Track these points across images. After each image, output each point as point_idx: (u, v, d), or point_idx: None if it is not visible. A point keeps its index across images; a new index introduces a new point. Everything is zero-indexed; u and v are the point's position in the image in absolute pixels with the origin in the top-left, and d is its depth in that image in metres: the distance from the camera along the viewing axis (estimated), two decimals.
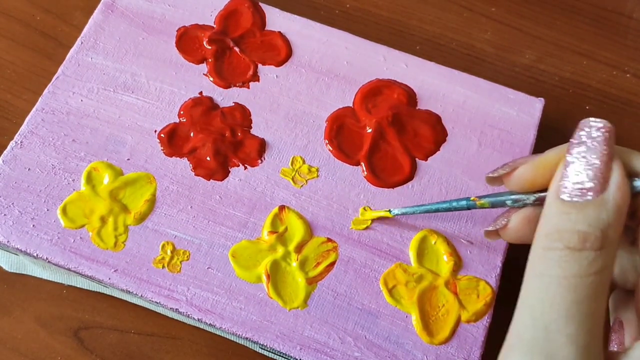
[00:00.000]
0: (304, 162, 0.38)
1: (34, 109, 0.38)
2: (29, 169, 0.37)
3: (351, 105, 0.40)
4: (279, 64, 0.41)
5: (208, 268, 0.35)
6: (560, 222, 0.24)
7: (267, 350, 0.35)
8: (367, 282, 0.36)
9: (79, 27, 0.45)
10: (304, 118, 0.40)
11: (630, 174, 0.25)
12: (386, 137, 0.39)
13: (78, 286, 0.38)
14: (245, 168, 0.38)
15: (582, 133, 0.25)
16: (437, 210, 0.35)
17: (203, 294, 0.35)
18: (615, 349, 0.28)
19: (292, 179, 0.38)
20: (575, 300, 0.23)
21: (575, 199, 0.24)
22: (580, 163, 0.25)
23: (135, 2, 0.42)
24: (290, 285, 0.35)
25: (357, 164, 0.39)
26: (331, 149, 0.39)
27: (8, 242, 0.35)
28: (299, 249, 0.36)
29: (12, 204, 0.36)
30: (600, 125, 0.25)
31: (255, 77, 0.41)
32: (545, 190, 0.28)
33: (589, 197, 0.24)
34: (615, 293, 0.32)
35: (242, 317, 0.34)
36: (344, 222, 0.37)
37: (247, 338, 0.34)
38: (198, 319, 0.34)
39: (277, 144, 0.39)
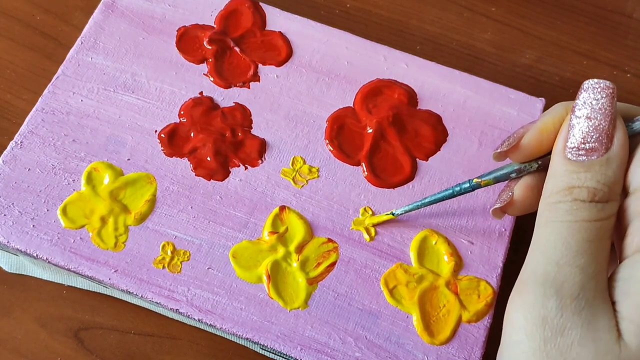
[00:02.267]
0: (304, 162, 0.38)
1: (34, 109, 0.38)
2: (29, 169, 0.37)
3: (352, 105, 0.40)
4: (280, 64, 0.41)
5: (208, 268, 0.35)
6: (570, 180, 0.26)
7: (267, 351, 0.35)
8: (368, 282, 0.36)
9: (79, 27, 0.45)
10: (305, 118, 0.40)
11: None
12: (387, 137, 0.39)
13: (78, 287, 0.38)
14: (246, 168, 0.38)
15: (585, 95, 0.26)
16: (441, 199, 0.35)
17: (203, 295, 0.35)
18: None
19: (293, 179, 0.38)
20: (586, 239, 0.25)
21: (581, 158, 0.26)
22: (585, 124, 0.26)
23: (136, 2, 0.42)
24: (291, 286, 0.35)
25: (358, 164, 0.39)
26: (332, 149, 0.39)
27: (8, 242, 0.35)
28: (299, 249, 0.36)
29: (12, 204, 0.36)
30: (603, 85, 0.26)
31: (256, 77, 0.41)
32: (545, 155, 0.29)
33: (595, 156, 0.25)
34: None
35: (243, 317, 0.34)
36: (345, 222, 0.37)
37: (247, 338, 0.34)
38: (198, 320, 0.34)
39: (277, 144, 0.39)
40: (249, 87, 0.40)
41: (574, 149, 0.26)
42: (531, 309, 0.25)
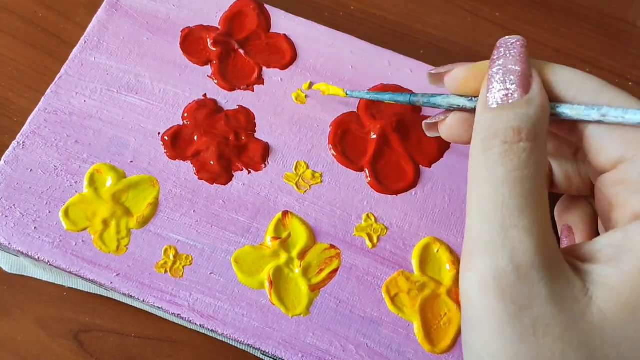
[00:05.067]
0: (307, 167, 0.38)
1: (36, 109, 0.38)
2: (30, 170, 0.36)
3: (355, 110, 0.40)
4: (284, 67, 0.41)
5: (210, 273, 0.35)
6: (494, 124, 0.26)
7: (268, 357, 0.35)
8: (370, 289, 0.36)
9: (81, 24, 0.45)
10: (308, 122, 0.39)
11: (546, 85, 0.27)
12: (390, 143, 0.39)
13: (79, 288, 0.38)
14: (249, 172, 0.38)
15: (500, 49, 0.27)
16: (385, 100, 0.35)
17: (205, 300, 0.35)
18: None
19: (296, 184, 0.38)
20: (523, 194, 0.24)
21: (502, 103, 0.26)
22: (502, 73, 0.26)
23: (140, 2, 0.41)
24: (293, 292, 0.35)
25: (361, 169, 0.39)
26: (335, 154, 0.39)
27: (9, 244, 0.35)
28: (302, 255, 0.36)
29: (14, 205, 0.35)
30: (515, 39, 0.27)
31: (260, 80, 0.40)
32: (474, 96, 0.30)
33: (516, 98, 0.26)
34: (559, 202, 0.35)
35: (245, 323, 0.34)
36: (347, 228, 0.37)
37: (249, 345, 0.34)
38: (200, 325, 0.34)
39: (281, 149, 0.39)
40: (252, 90, 0.40)
41: (495, 98, 0.26)
42: (486, 282, 0.24)
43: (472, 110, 0.30)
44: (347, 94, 0.38)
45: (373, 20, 0.48)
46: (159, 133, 0.38)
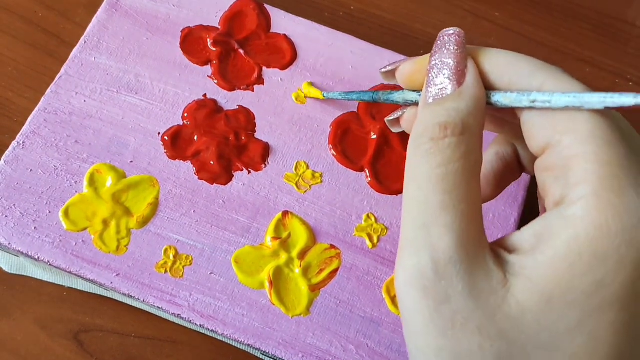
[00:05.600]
0: (307, 167, 0.38)
1: (36, 109, 0.38)
2: (30, 170, 0.36)
3: (356, 110, 0.40)
4: (284, 67, 0.41)
5: (211, 273, 0.35)
6: (425, 120, 0.25)
7: (268, 357, 0.35)
8: (370, 289, 0.36)
9: (81, 24, 0.45)
10: (308, 122, 0.39)
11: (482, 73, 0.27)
12: (390, 143, 0.39)
13: (79, 288, 0.38)
14: (249, 172, 0.38)
15: (438, 42, 0.27)
16: (353, 99, 0.36)
17: (205, 300, 0.35)
18: None
19: (296, 184, 0.38)
20: (446, 190, 0.24)
21: (437, 98, 0.26)
22: (439, 66, 0.26)
23: (140, 2, 0.41)
24: (293, 292, 0.35)
25: (361, 170, 0.39)
26: (335, 154, 0.39)
27: (9, 244, 0.35)
28: (302, 255, 0.36)
29: (14, 205, 0.35)
30: (452, 31, 0.27)
31: (260, 80, 0.40)
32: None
33: (448, 92, 0.26)
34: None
35: (245, 323, 0.34)
36: (348, 228, 0.37)
37: (249, 345, 0.34)
38: (200, 325, 0.34)
39: (281, 149, 0.39)
40: (252, 90, 0.40)
41: (432, 93, 0.26)
42: (411, 280, 0.24)
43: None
44: (324, 96, 0.39)
45: (373, 20, 0.48)
46: (159, 133, 0.38)
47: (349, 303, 0.35)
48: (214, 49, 0.41)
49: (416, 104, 0.30)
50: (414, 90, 0.30)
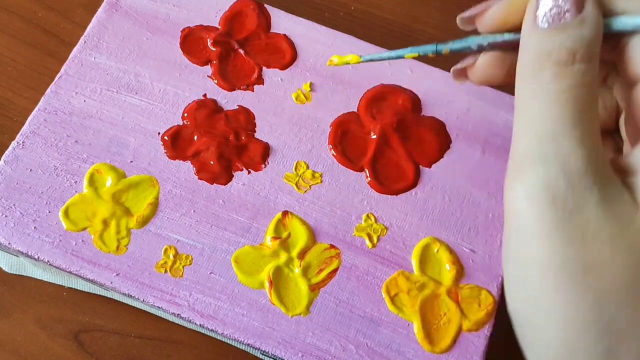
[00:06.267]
0: (307, 167, 0.38)
1: (36, 109, 0.38)
2: (30, 170, 0.36)
3: (355, 110, 0.40)
4: (284, 67, 0.41)
5: (210, 273, 0.35)
6: (546, 46, 0.25)
7: (268, 357, 0.35)
8: (370, 289, 0.36)
9: (81, 24, 0.45)
10: (308, 122, 0.39)
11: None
12: (390, 143, 0.39)
13: (79, 288, 0.38)
14: (249, 172, 0.38)
15: None
16: (406, 55, 0.33)
17: (205, 300, 0.35)
18: None
19: (296, 184, 0.38)
20: (577, 109, 0.24)
21: (555, 24, 0.25)
22: None
23: (140, 2, 0.41)
24: (293, 292, 0.35)
25: (361, 170, 0.39)
26: (335, 154, 0.39)
27: (9, 244, 0.35)
28: (302, 255, 0.36)
29: (14, 205, 0.35)
30: None
31: (260, 80, 0.40)
32: (513, 32, 0.28)
33: (568, 19, 0.25)
34: None
35: (244, 323, 0.34)
36: (347, 228, 0.37)
37: (249, 344, 0.34)
38: (200, 325, 0.34)
39: (281, 149, 0.39)
40: (252, 90, 0.40)
41: (545, 17, 0.25)
42: (536, 191, 0.24)
43: (509, 46, 0.28)
44: (362, 59, 0.34)
45: (373, 21, 0.48)
46: (158, 133, 0.38)
47: (348, 303, 0.35)
48: (214, 49, 0.41)
49: (496, 46, 0.29)
50: (495, 34, 0.28)
